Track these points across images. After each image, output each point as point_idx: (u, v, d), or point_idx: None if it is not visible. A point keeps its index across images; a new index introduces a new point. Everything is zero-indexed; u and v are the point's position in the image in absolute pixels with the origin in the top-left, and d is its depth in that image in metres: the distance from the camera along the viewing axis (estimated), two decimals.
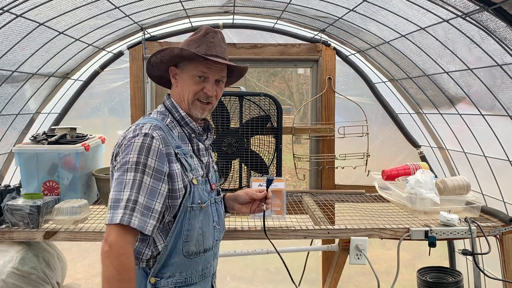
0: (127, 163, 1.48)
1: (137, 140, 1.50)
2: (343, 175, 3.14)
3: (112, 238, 1.41)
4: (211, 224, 1.67)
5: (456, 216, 2.11)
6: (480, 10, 1.66)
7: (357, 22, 2.53)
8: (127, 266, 1.42)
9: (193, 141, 1.69)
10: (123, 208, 1.43)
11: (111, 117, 3.28)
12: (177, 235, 1.57)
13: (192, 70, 1.62)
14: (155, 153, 1.50)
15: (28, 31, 2.09)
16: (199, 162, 1.69)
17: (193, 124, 1.68)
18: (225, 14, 2.99)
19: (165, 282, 1.58)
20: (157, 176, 1.50)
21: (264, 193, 1.83)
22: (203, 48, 1.61)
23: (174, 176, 1.55)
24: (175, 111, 1.67)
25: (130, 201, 1.44)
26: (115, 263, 1.40)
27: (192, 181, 1.60)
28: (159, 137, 1.53)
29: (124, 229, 1.42)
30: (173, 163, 1.55)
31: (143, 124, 1.57)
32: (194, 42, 1.63)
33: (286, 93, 8.12)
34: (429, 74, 2.51)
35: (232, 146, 2.71)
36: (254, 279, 4.08)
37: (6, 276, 1.98)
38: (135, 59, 3.02)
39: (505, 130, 2.25)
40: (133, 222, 1.42)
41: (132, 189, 1.45)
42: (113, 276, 1.39)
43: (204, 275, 1.68)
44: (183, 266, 1.60)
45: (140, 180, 1.46)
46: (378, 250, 3.95)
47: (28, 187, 2.34)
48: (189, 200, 1.58)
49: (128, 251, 1.43)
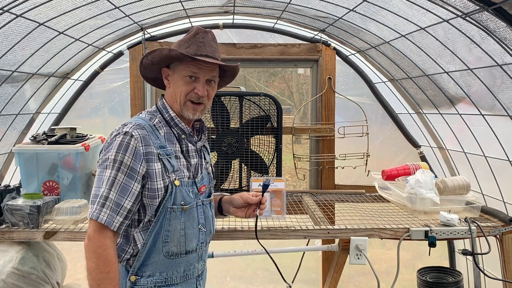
0: (106, 160, 1.54)
1: (118, 138, 1.55)
2: (343, 175, 3.13)
3: (90, 232, 1.50)
4: (195, 226, 1.68)
5: (456, 216, 2.11)
6: (480, 10, 1.66)
7: (357, 22, 2.53)
8: (105, 257, 1.48)
9: (182, 142, 1.70)
10: (97, 203, 1.50)
11: (111, 117, 3.28)
12: (156, 234, 1.59)
13: (183, 71, 1.63)
14: (131, 152, 1.53)
15: (28, 31, 2.09)
16: (186, 163, 1.68)
17: (182, 124, 1.69)
18: (225, 14, 2.99)
19: (145, 281, 1.60)
20: (130, 174, 1.53)
21: (259, 198, 1.83)
22: (193, 48, 1.62)
23: (153, 176, 1.57)
24: (165, 111, 1.68)
25: (102, 197, 1.50)
26: (93, 256, 1.48)
27: (174, 182, 1.61)
28: (139, 136, 1.55)
29: (99, 224, 1.49)
30: (153, 162, 1.57)
31: (127, 123, 1.61)
32: (185, 42, 1.64)
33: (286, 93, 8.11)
34: (429, 74, 2.51)
35: (232, 146, 2.71)
36: (254, 279, 4.08)
37: (6, 276, 1.98)
38: (135, 59, 3.02)
39: (505, 130, 2.25)
40: (101, 218, 1.49)
41: (106, 185, 1.51)
42: (93, 269, 1.48)
43: (186, 276, 1.69)
44: (163, 266, 1.62)
45: (114, 177, 1.52)
46: (378, 250, 3.95)
47: (28, 187, 2.34)
48: (170, 201, 1.59)
49: (104, 244, 1.49)
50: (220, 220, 2.16)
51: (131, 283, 1.60)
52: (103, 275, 1.47)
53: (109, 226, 1.49)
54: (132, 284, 1.60)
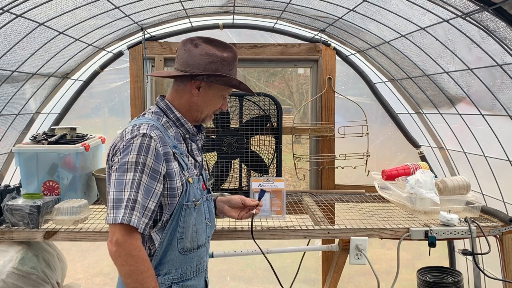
0: (126, 163, 1.52)
1: (136, 140, 1.54)
2: (343, 175, 3.14)
3: (119, 237, 1.47)
4: (203, 221, 1.73)
5: (456, 216, 2.11)
6: (480, 10, 1.66)
7: (357, 22, 2.53)
8: (141, 258, 1.49)
9: (187, 141, 1.74)
10: (124, 207, 1.48)
11: (111, 117, 3.28)
12: (173, 232, 1.61)
13: (222, 91, 1.73)
14: (153, 153, 1.54)
15: (28, 31, 2.09)
16: (194, 161, 1.74)
17: (188, 125, 1.72)
18: (225, 14, 2.99)
19: (162, 279, 1.61)
20: (153, 176, 1.54)
21: (256, 202, 1.93)
22: (234, 72, 1.71)
23: (173, 175, 1.59)
24: (170, 112, 1.70)
25: (130, 200, 1.49)
26: (130, 259, 1.47)
27: (188, 179, 1.65)
28: (157, 137, 1.56)
29: (129, 227, 1.48)
30: (171, 162, 1.59)
31: (139, 124, 1.59)
32: (227, 65, 1.67)
33: (286, 93, 8.12)
34: (429, 74, 2.51)
35: (232, 146, 2.71)
36: (254, 279, 4.08)
37: (6, 276, 1.98)
38: (135, 59, 3.02)
39: (505, 130, 2.25)
40: (133, 221, 1.47)
41: (131, 188, 1.50)
42: (132, 271, 1.47)
43: (198, 270, 1.73)
44: (178, 262, 1.64)
45: (139, 180, 1.51)
46: (378, 250, 3.95)
47: (28, 187, 2.34)
48: (185, 198, 1.63)
49: (137, 245, 1.49)
50: (220, 220, 2.17)
51: None
52: (144, 274, 1.49)
53: (138, 228, 1.50)
54: None
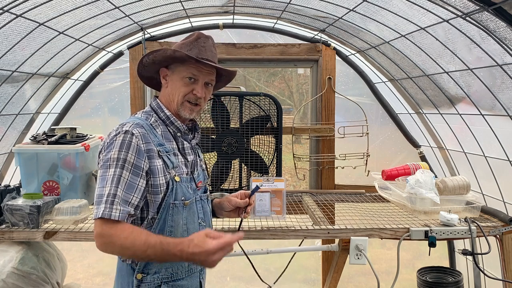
0: (109, 160, 1.55)
1: (118, 137, 1.57)
2: (343, 175, 3.13)
3: (99, 230, 1.49)
4: (196, 221, 1.71)
5: (456, 216, 2.11)
6: (480, 10, 1.66)
7: (357, 22, 2.53)
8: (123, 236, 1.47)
9: (178, 140, 1.74)
10: (105, 202, 1.50)
11: (111, 117, 3.28)
12: (160, 231, 1.61)
13: (183, 72, 1.68)
14: (134, 149, 1.56)
15: (28, 31, 2.09)
16: (184, 160, 1.73)
17: (178, 123, 1.73)
18: (225, 14, 2.99)
19: (151, 278, 1.62)
20: (135, 172, 1.55)
21: (246, 201, 1.86)
22: (195, 51, 1.67)
23: (156, 172, 1.60)
24: (160, 111, 1.72)
25: (110, 195, 1.51)
26: (117, 241, 1.47)
27: (175, 178, 1.64)
28: (139, 134, 1.58)
29: (110, 220, 1.50)
30: (155, 159, 1.60)
31: (125, 123, 1.63)
32: (186, 45, 1.68)
33: (286, 93, 8.13)
34: (429, 74, 2.51)
35: (232, 146, 2.71)
36: (254, 279, 4.07)
37: (6, 276, 1.98)
38: (135, 59, 3.02)
39: (505, 130, 2.25)
40: (113, 215, 1.49)
41: (112, 183, 1.52)
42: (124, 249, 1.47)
43: (191, 270, 1.72)
44: (168, 261, 1.63)
45: (119, 175, 1.53)
46: (378, 250, 3.95)
47: (28, 187, 2.34)
48: (172, 197, 1.63)
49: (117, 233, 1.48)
50: (220, 220, 2.17)
51: (137, 281, 1.61)
52: (137, 239, 1.46)
53: (119, 219, 1.50)
54: (138, 282, 1.61)
